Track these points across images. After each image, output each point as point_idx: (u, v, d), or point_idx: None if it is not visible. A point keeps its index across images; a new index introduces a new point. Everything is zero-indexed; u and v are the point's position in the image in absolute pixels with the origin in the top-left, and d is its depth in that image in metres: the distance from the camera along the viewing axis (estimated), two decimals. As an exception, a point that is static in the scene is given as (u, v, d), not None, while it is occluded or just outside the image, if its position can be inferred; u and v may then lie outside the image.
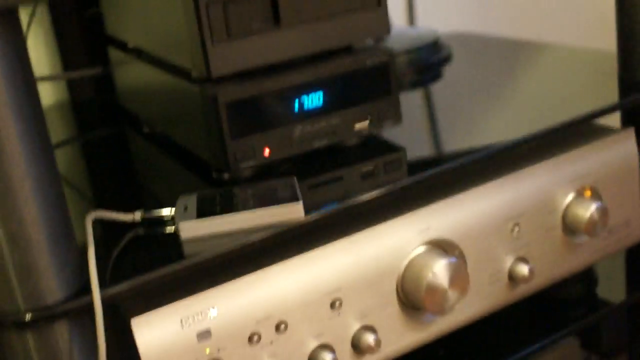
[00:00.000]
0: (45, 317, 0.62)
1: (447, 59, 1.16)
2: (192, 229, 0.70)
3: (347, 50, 0.81)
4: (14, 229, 0.61)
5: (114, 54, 1.01)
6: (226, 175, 0.80)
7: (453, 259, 0.77)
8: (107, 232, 0.74)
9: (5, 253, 0.61)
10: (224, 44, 0.74)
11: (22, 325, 0.62)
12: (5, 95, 0.59)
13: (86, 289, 0.64)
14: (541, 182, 0.84)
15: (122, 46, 0.99)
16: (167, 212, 0.73)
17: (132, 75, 0.96)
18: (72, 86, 1.14)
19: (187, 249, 0.69)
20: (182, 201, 0.73)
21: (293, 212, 0.70)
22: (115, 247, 0.71)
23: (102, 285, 0.64)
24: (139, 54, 0.94)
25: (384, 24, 0.80)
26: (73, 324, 0.64)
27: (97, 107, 1.13)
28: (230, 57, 0.75)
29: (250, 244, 0.69)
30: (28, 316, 0.62)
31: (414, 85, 1.06)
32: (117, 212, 0.73)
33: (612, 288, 0.97)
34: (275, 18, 0.76)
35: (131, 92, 0.98)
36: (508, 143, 0.81)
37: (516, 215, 0.83)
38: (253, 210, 0.70)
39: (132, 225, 0.74)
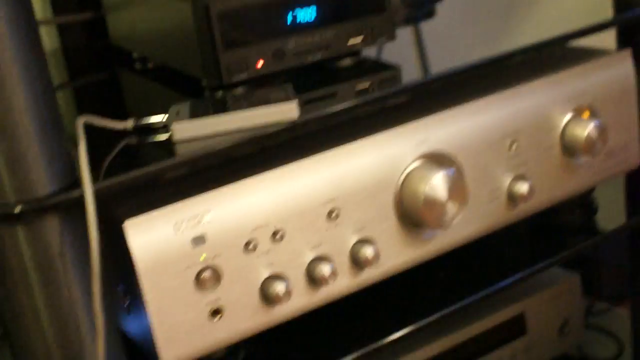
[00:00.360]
0: (36, 209, 0.61)
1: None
2: (185, 129, 0.68)
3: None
4: (1, 116, 0.60)
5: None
6: (219, 94, 0.79)
7: (451, 171, 0.76)
8: (98, 143, 0.73)
9: (-6, 144, 0.60)
10: (215, -50, 0.73)
11: (11, 219, 0.61)
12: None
13: (77, 183, 0.63)
14: (538, 100, 0.83)
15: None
16: (159, 118, 0.72)
17: (124, 7, 0.95)
18: (63, 32, 1.12)
19: (180, 151, 0.68)
20: (174, 108, 0.72)
21: (287, 111, 0.69)
22: (107, 154, 0.70)
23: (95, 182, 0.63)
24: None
25: None
26: (64, 218, 0.62)
27: (88, 52, 1.12)
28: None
29: (243, 143, 0.68)
30: (18, 208, 0.61)
31: (407, 21, 1.05)
32: (109, 120, 0.71)
33: (612, 218, 0.96)
34: None
35: (124, 28, 0.97)
36: (502, 54, 0.80)
37: (514, 131, 0.82)
38: (246, 110, 0.69)
39: (124, 134, 0.73)
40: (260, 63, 0.76)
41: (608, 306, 1.19)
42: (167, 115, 0.71)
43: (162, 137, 0.71)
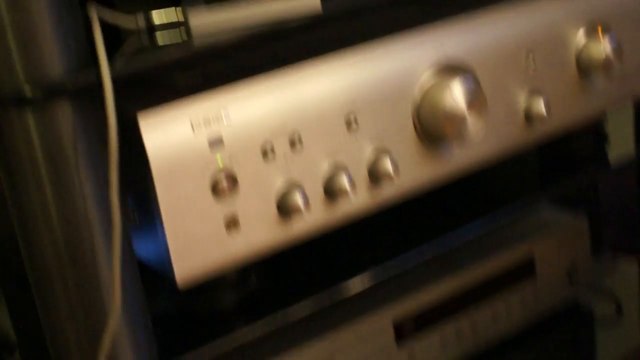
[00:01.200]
0: (49, 91, 0.57)
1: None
2: (202, 17, 0.64)
3: None
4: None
5: None
6: None
7: (469, 77, 0.73)
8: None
9: (4, 16, 0.56)
10: None
11: (22, 102, 0.57)
12: None
13: (92, 66, 0.58)
14: (555, 13, 0.81)
15: None
16: (172, 12, 0.68)
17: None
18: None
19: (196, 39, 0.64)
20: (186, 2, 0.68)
21: (311, 4, 0.65)
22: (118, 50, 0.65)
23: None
24: None
25: None
26: (77, 104, 0.58)
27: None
28: None
29: (265, 34, 0.64)
30: (29, 90, 0.56)
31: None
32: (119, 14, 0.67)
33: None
34: None
35: None
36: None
37: (530, 44, 0.79)
38: (268, 3, 0.65)
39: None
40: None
41: (611, 260, 1.16)
42: (179, 7, 0.67)
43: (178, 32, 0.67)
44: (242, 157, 0.65)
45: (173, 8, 0.68)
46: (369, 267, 0.77)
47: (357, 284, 0.76)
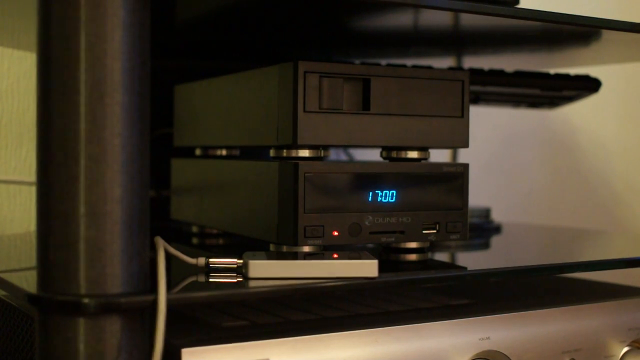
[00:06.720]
0: (105, 305, 0.59)
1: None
2: (261, 269, 0.67)
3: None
4: (96, 203, 0.59)
5: (177, 163, 1.01)
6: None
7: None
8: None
9: (81, 229, 0.59)
10: (314, 115, 0.75)
11: (77, 309, 0.59)
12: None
13: (150, 290, 0.61)
14: (600, 322, 0.83)
15: (189, 152, 1.00)
16: (233, 260, 0.70)
17: (192, 179, 0.96)
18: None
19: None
20: (248, 253, 0.71)
21: (367, 268, 0.68)
22: (177, 285, 0.68)
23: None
24: (206, 152, 0.97)
25: (463, 136, 0.81)
26: (128, 322, 0.60)
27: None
28: (317, 129, 0.75)
29: (317, 288, 0.66)
30: (86, 300, 0.59)
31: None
32: (181, 253, 0.70)
33: None
34: (365, 103, 0.78)
35: (187, 200, 0.98)
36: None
37: (573, 349, 0.81)
38: (326, 260, 0.68)
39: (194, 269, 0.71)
40: (336, 233, 0.75)
41: None
42: (242, 256, 0.70)
43: (235, 277, 0.69)
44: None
45: (234, 258, 0.70)
46: None
47: None
